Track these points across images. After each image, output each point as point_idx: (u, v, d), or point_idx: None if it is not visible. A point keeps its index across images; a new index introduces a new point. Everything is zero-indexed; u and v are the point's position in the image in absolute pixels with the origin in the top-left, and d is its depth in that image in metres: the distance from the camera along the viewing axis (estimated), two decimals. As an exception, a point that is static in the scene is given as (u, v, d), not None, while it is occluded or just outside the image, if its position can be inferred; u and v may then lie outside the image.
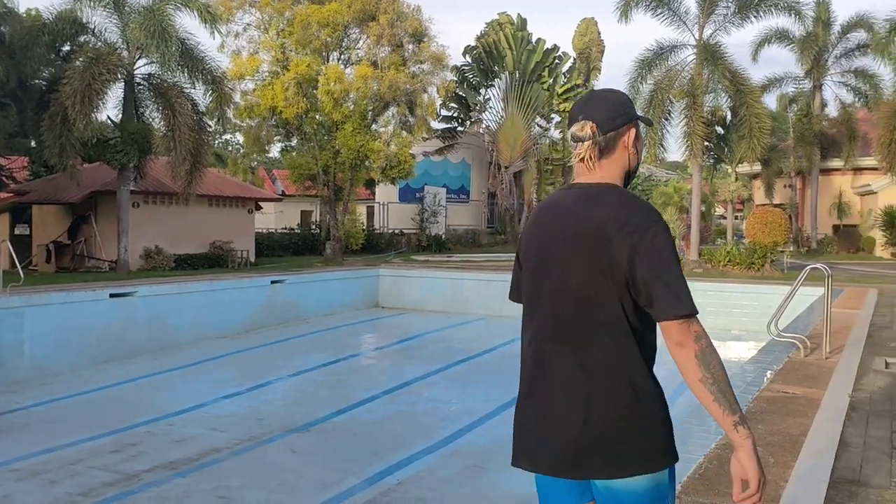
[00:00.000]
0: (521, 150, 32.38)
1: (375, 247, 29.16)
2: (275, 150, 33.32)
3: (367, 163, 24.83)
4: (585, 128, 2.07)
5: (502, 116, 32.87)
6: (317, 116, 25.60)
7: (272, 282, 18.27)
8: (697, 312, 1.95)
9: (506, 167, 32.34)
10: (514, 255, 2.33)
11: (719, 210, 44.35)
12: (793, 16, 20.96)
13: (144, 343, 13.85)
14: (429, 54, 25.11)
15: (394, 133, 26.08)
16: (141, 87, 19.55)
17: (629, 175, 2.16)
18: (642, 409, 2.00)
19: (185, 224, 21.06)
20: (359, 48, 25.77)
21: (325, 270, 21.41)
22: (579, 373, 2.02)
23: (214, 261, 21.19)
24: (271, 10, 24.75)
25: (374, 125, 25.22)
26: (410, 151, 27.50)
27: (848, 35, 28.97)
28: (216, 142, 53.51)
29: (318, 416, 10.02)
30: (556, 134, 34.32)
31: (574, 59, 33.36)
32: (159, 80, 19.06)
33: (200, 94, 19.12)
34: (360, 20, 24.29)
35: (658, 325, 2.01)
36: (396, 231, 30.93)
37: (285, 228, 29.25)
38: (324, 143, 25.47)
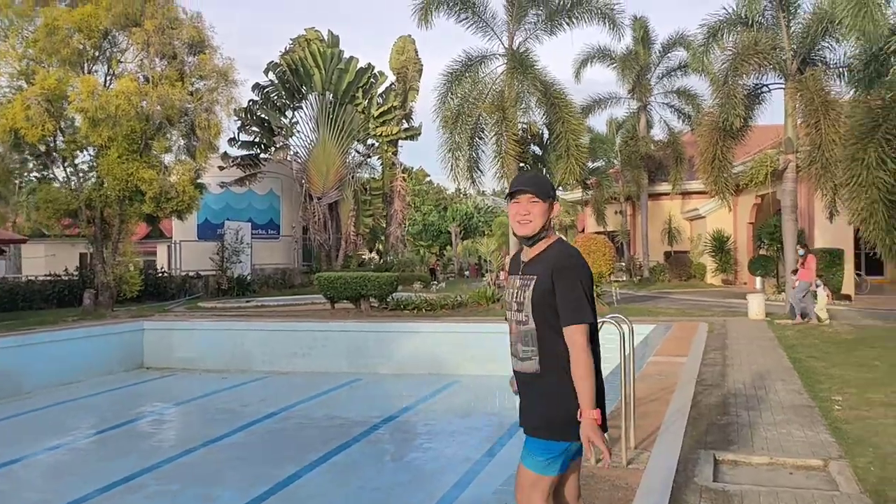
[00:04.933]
0: (335, 179, 29.15)
1: (164, 293, 24.95)
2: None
3: (139, 195, 20.81)
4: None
5: (312, 141, 29.53)
6: (79, 140, 21.45)
7: (-27, 347, 14.02)
8: None
9: (318, 198, 28.96)
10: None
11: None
12: (608, 25, 19.11)
13: None
14: (211, 68, 21.52)
15: (176, 161, 22.25)
16: None
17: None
18: None
19: None
20: (128, 61, 21.82)
21: (69, 327, 17.24)
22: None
23: (-79, 320, 16.53)
24: (12, 13, 20.41)
25: (149, 150, 21.20)
26: (202, 181, 23.72)
27: (668, 54, 28.04)
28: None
29: None
30: (375, 161, 31.33)
31: (393, 80, 30.61)
32: None
33: None
34: (124, 25, 20.41)
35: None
36: (192, 274, 26.78)
37: (49, 275, 24.43)
38: (86, 172, 21.30)
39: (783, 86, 15.93)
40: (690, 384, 7.78)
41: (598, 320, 5.60)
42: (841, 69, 15.31)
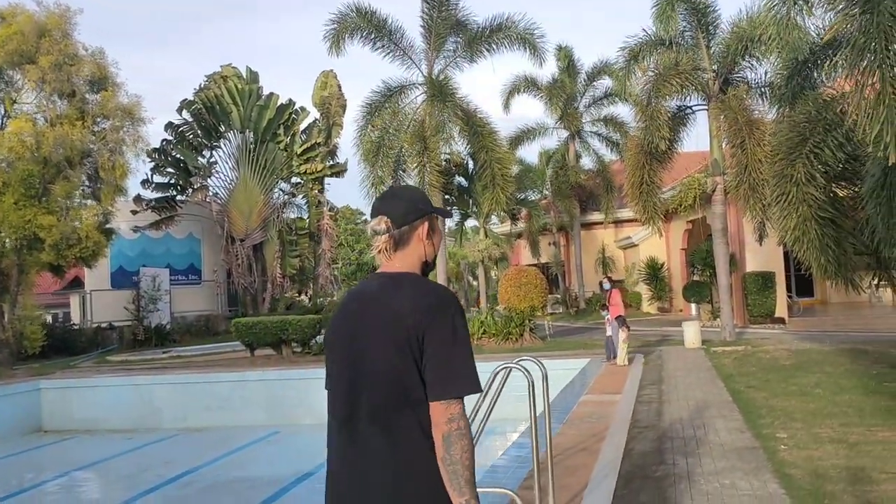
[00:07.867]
0: (258, 220, 27.97)
1: (73, 347, 23.24)
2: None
3: (38, 243, 19.34)
4: (381, 223, 2.14)
5: (233, 181, 28.35)
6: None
7: None
8: (476, 391, 1.98)
9: (241, 240, 27.71)
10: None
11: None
12: (529, 51, 18.62)
13: None
14: (115, 105, 20.31)
15: (79, 205, 20.85)
16: None
17: (427, 264, 2.20)
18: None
19: None
20: (24, 101, 20.48)
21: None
22: (391, 452, 2.00)
23: None
24: None
25: (48, 195, 19.74)
26: (112, 225, 22.30)
27: (594, 82, 27.86)
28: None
29: None
30: (300, 199, 30.25)
31: (317, 116, 29.66)
32: None
33: None
34: (17, 63, 19.12)
35: None
36: (105, 325, 25.12)
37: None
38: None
39: (706, 107, 15.61)
40: (623, 430, 6.96)
41: (509, 364, 4.72)
42: (763, 88, 15.04)
